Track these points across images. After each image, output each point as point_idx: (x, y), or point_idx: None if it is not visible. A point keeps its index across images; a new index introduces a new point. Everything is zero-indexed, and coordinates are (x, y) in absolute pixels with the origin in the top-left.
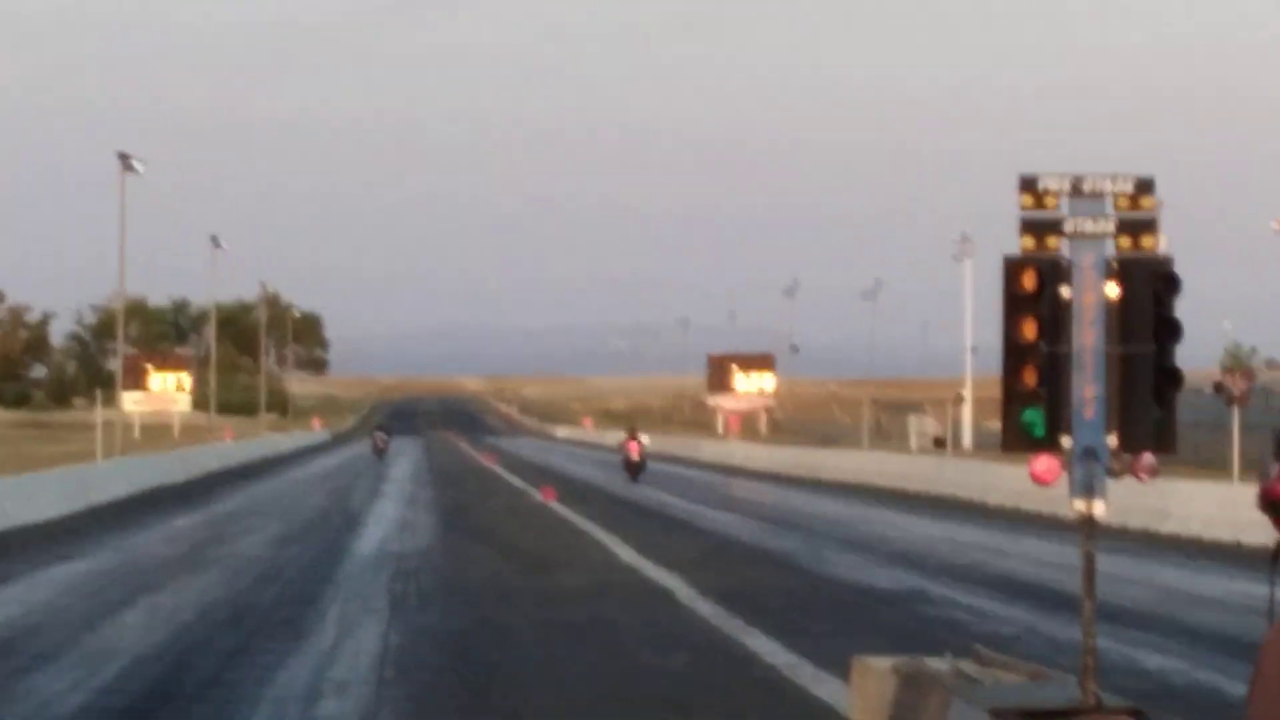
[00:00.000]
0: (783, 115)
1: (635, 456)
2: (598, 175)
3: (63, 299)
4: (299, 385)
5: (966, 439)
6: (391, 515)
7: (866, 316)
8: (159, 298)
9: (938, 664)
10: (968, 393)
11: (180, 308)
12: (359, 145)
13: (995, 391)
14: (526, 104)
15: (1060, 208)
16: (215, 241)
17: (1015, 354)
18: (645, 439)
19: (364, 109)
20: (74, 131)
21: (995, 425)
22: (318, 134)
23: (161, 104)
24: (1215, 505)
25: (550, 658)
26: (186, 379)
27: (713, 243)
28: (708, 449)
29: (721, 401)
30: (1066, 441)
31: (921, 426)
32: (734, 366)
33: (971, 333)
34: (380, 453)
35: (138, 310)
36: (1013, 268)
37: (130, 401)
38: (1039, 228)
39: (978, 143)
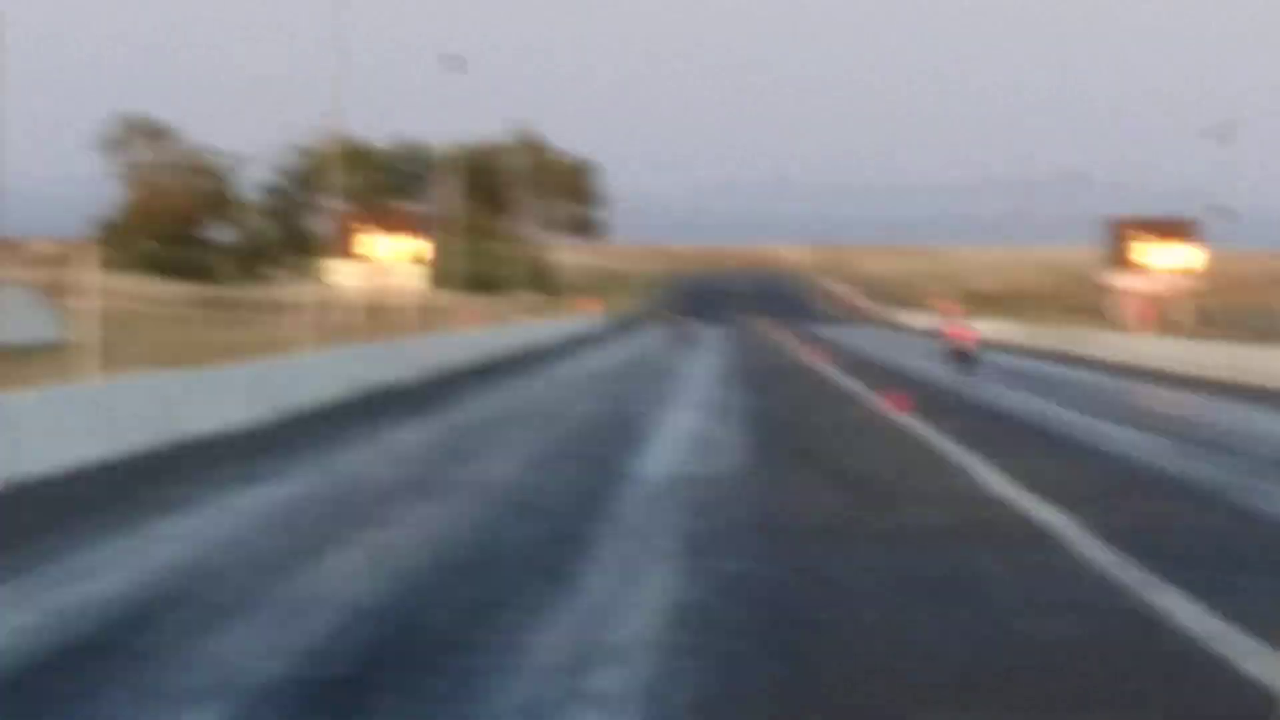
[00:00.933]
0: None
1: (969, 344)
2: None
3: (256, 140)
4: (568, 255)
5: None
6: (689, 429)
7: None
8: (382, 139)
9: None
10: None
11: (413, 152)
12: None
13: None
14: None
15: None
16: (456, 64)
17: None
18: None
19: None
20: None
21: None
22: None
23: None
24: None
25: (894, 623)
26: (423, 245)
27: (1113, 72)
28: (1107, 344)
29: (1126, 282)
30: None
31: None
32: (1144, 235)
33: None
34: (684, 340)
35: (357, 154)
36: None
37: (346, 273)
38: None
39: None
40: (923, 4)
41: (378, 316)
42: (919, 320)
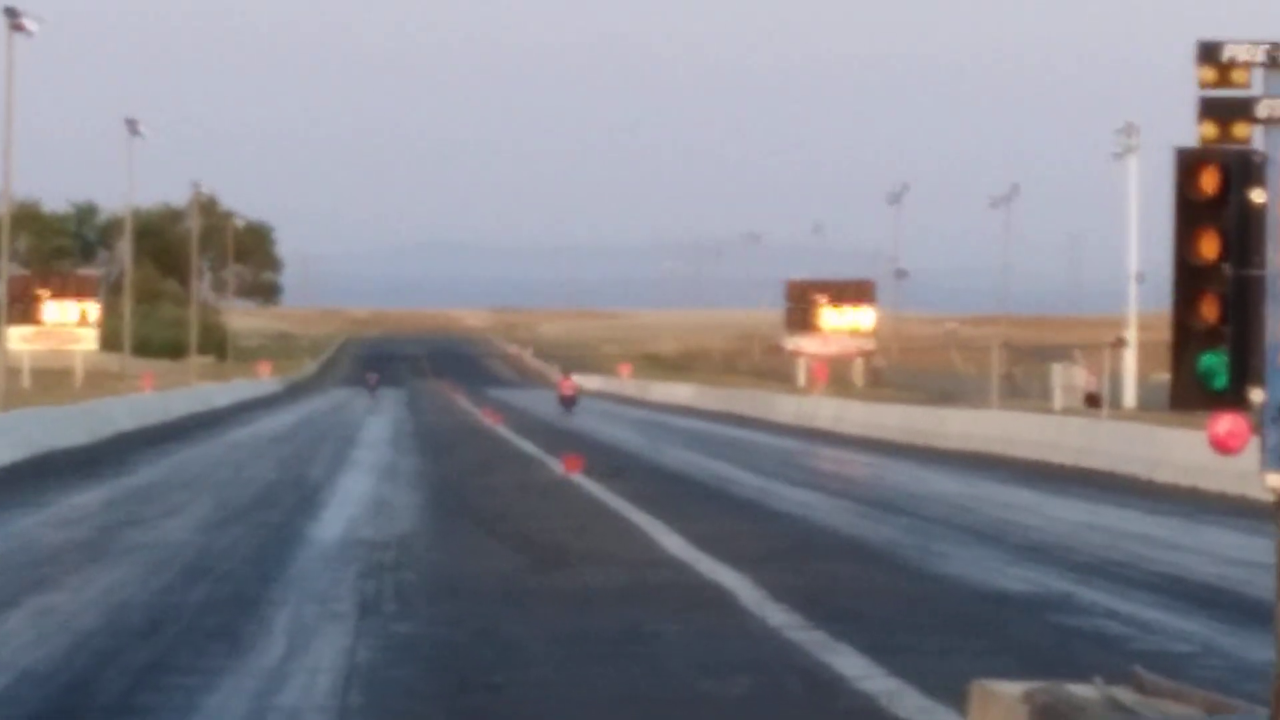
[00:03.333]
0: None
1: (568, 393)
2: (642, 52)
3: None
4: (243, 319)
5: (1128, 395)
6: (362, 491)
7: (996, 232)
8: (57, 201)
9: (1084, 691)
10: (1131, 334)
11: (85, 214)
12: (323, 13)
13: (1167, 333)
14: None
15: (1253, 85)
16: (132, 127)
17: (1190, 279)
18: (578, 380)
19: None
20: None
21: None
22: None
23: None
24: None
25: (571, 681)
26: (93, 309)
27: (790, 135)
28: (785, 406)
29: (803, 344)
30: (1258, 395)
31: (1069, 379)
32: (821, 298)
33: (1136, 254)
34: (372, 390)
35: (29, 217)
36: (1188, 164)
37: (18, 338)
38: (1224, 111)
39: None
40: (595, 65)
41: (50, 381)
42: (592, 382)
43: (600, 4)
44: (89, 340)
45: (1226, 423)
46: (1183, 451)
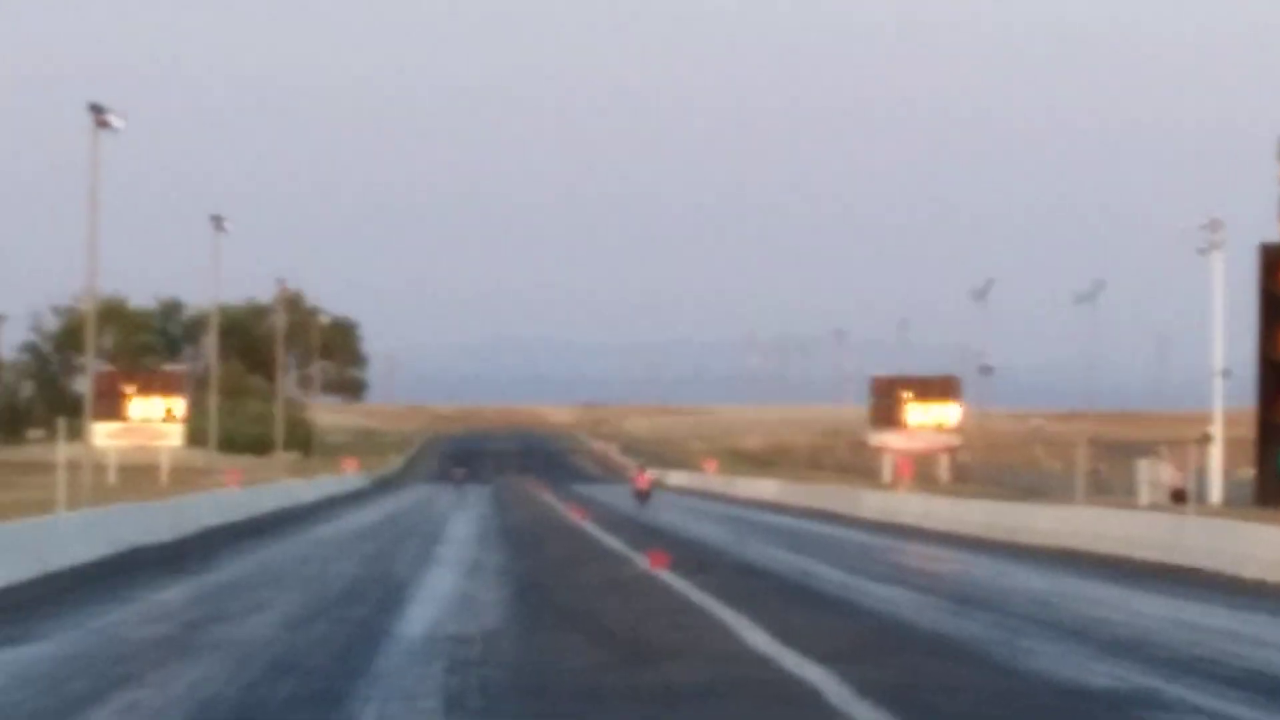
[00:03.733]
0: (967, 63)
1: (643, 487)
2: (725, 151)
3: (16, 300)
4: (328, 415)
5: (1215, 491)
6: (448, 589)
7: (1082, 329)
8: (143, 298)
9: None
10: (1217, 430)
11: (170, 310)
12: (409, 110)
13: (1252, 429)
14: (623, 68)
15: None
16: (218, 223)
17: (1275, 375)
18: (652, 472)
19: (415, 66)
20: (33, 78)
21: (1251, 473)
22: (354, 93)
23: (151, 47)
24: None
25: None
26: (179, 405)
27: (878, 235)
28: (870, 502)
29: (889, 440)
30: None
31: (1155, 474)
32: (906, 394)
33: (1223, 351)
34: (458, 485)
35: (115, 313)
36: (1273, 261)
37: (104, 434)
38: None
39: (1226, 96)
40: (683, 155)
41: (136, 476)
42: (677, 478)
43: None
44: (175, 436)
45: None
46: (1269, 547)
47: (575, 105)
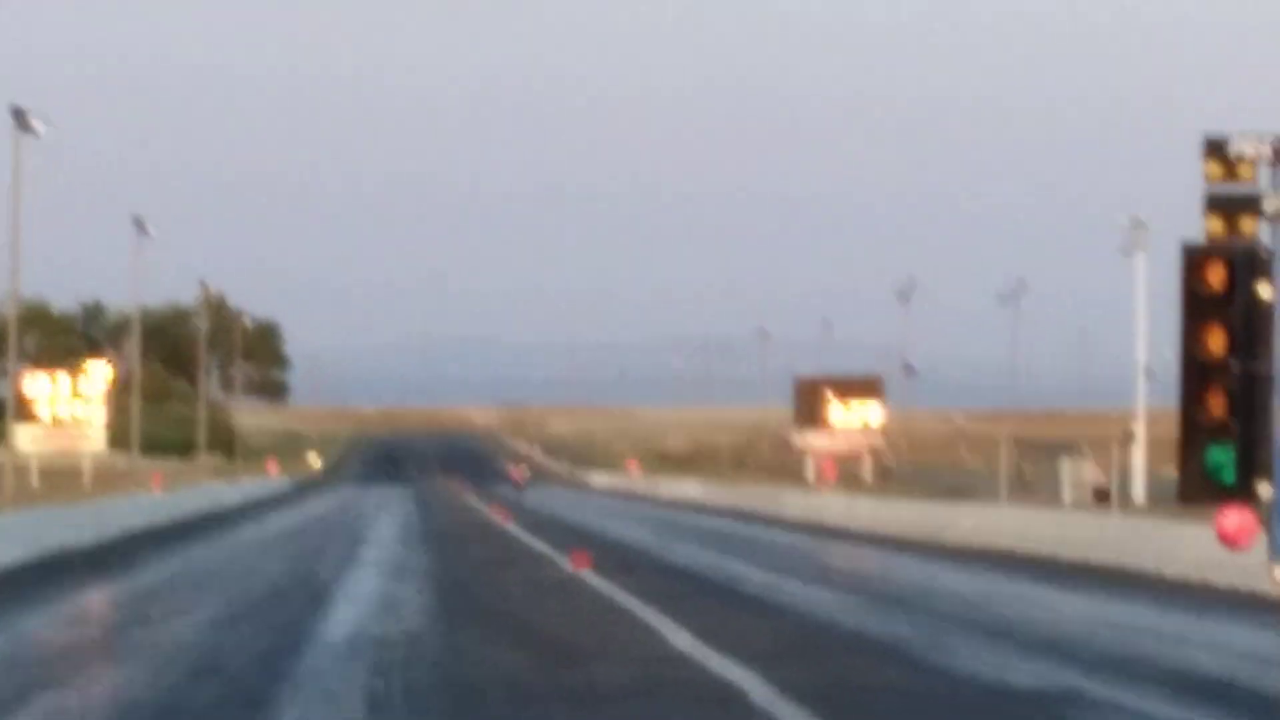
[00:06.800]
0: (888, 60)
1: (518, 479)
2: (644, 146)
3: None
4: (251, 417)
5: (1138, 490)
6: (371, 590)
7: (1006, 328)
8: (65, 301)
9: None
10: (1140, 429)
11: (93, 313)
12: (327, 107)
13: (1175, 428)
14: (547, 57)
15: (1258, 180)
16: (140, 226)
17: (1197, 374)
18: (528, 471)
19: (334, 60)
20: None
21: (1174, 472)
22: (275, 91)
23: (71, 48)
24: None
25: None
26: (100, 408)
27: (801, 235)
28: (793, 503)
29: (812, 440)
30: (1265, 490)
31: (1078, 474)
32: (829, 394)
33: (1145, 350)
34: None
35: (37, 316)
36: (1194, 260)
37: (25, 437)
38: (1229, 206)
39: (1148, 95)
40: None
41: (58, 480)
42: (600, 479)
43: (602, 97)
44: (97, 439)
45: (1235, 518)
46: (1192, 546)
47: (488, 101)
